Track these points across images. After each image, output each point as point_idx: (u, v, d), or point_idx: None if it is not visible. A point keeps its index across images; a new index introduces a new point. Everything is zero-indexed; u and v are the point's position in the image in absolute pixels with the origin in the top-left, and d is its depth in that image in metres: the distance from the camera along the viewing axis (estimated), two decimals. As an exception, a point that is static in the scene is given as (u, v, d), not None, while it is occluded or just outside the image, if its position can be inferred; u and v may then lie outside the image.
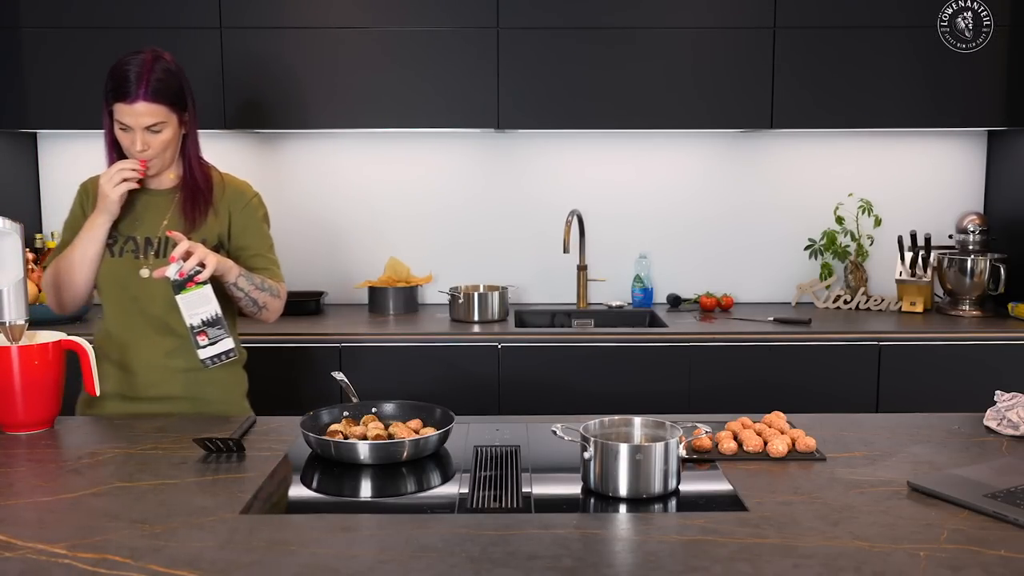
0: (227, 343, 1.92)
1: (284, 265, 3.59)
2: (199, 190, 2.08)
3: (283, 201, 3.61)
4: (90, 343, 1.91)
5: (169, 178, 2.11)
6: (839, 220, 3.58)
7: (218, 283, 1.99)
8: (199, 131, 2.11)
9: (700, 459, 1.70)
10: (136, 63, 1.94)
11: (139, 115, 1.95)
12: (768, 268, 3.65)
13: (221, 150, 3.59)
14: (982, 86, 3.22)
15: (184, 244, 1.91)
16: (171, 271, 1.88)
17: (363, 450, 1.65)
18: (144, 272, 2.04)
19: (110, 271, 2.06)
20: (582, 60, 3.20)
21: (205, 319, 1.90)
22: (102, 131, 2.04)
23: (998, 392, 1.96)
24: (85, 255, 2.01)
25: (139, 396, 2.08)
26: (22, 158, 3.51)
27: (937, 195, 3.63)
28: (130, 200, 2.05)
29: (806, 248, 3.61)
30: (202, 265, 1.90)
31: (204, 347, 1.91)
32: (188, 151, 2.09)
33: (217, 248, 2.08)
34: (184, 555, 1.29)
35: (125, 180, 1.97)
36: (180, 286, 1.88)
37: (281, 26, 3.18)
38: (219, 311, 1.92)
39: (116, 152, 2.05)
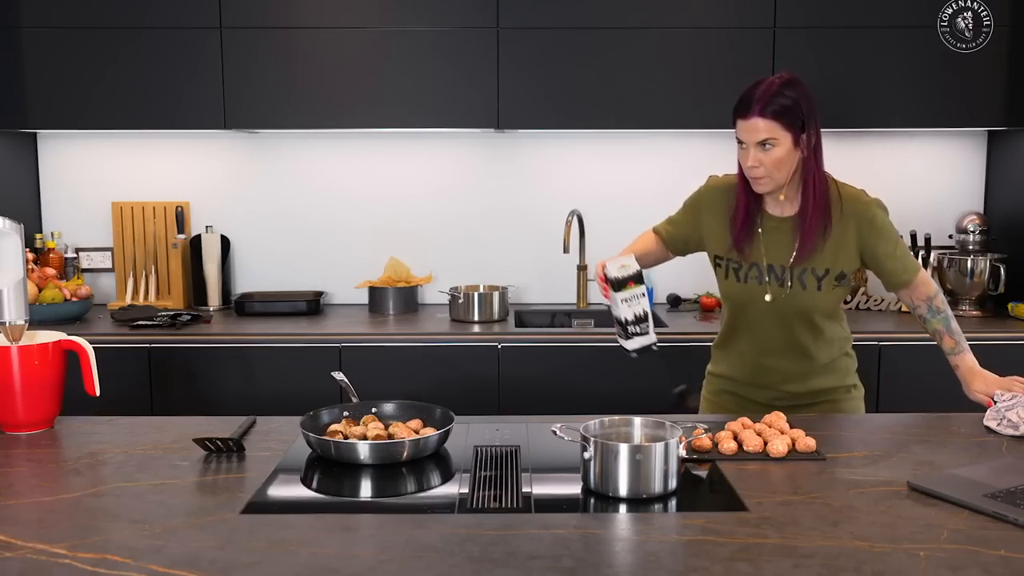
0: (647, 339, 2.02)
1: (283, 265, 3.62)
2: (816, 217, 2.05)
3: (283, 201, 3.61)
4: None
5: (790, 204, 2.10)
6: (839, 220, 3.57)
7: None
8: None
9: (700, 459, 1.70)
10: (764, 83, 2.00)
11: (752, 131, 1.99)
12: (768, 268, 3.65)
13: (221, 150, 3.59)
14: (982, 86, 3.22)
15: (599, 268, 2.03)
16: (611, 270, 2.00)
17: (363, 450, 1.65)
18: (768, 297, 2.10)
19: (737, 293, 2.15)
20: (582, 60, 3.20)
21: (637, 315, 2.00)
22: (102, 131, 2.04)
23: (998, 392, 1.96)
24: None
25: (761, 386, 2.18)
26: (22, 158, 3.51)
27: (937, 195, 3.63)
28: (756, 227, 2.12)
29: (806, 248, 3.61)
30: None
31: (628, 338, 2.02)
32: (807, 177, 2.04)
33: (842, 276, 2.08)
34: (184, 555, 1.29)
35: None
36: (621, 284, 1.98)
37: (281, 26, 3.18)
38: (648, 309, 2.01)
39: (742, 176, 2.09)
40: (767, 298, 2.09)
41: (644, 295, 2.01)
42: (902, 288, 2.13)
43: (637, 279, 2.00)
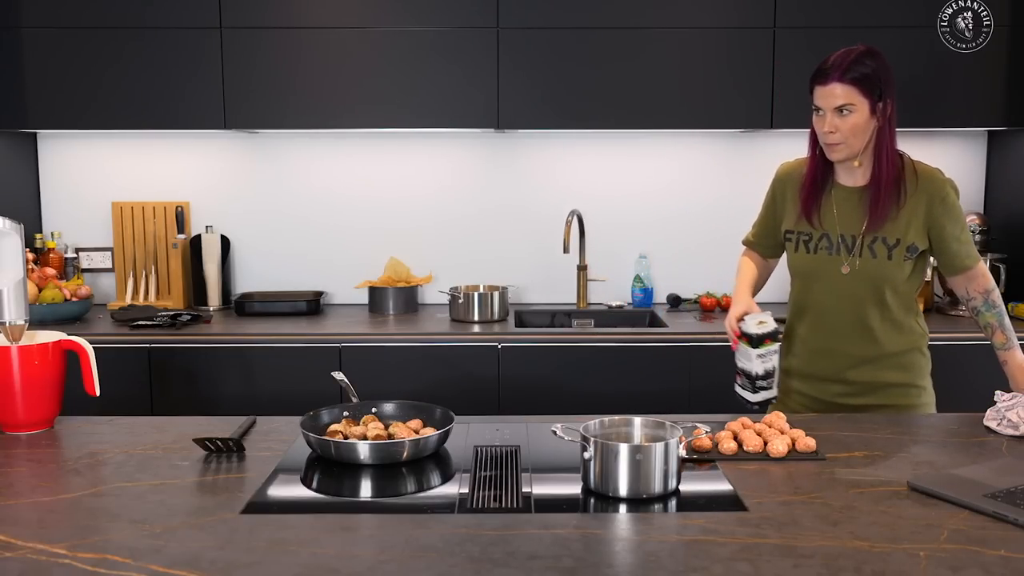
0: (771, 393, 2.08)
1: (283, 265, 3.62)
2: (886, 189, 2.06)
3: (283, 201, 3.61)
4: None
5: (862, 174, 2.11)
6: (839, 220, 3.57)
7: None
8: None
9: (700, 459, 1.70)
10: (844, 51, 2.03)
11: (829, 96, 2.02)
12: (768, 268, 3.65)
13: (221, 150, 3.59)
14: (982, 86, 3.22)
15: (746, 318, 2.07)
16: (750, 326, 2.04)
17: (363, 450, 1.65)
18: (845, 269, 2.09)
19: (805, 265, 2.16)
20: (582, 60, 3.20)
21: (767, 370, 2.05)
22: (102, 131, 2.04)
23: (998, 392, 1.96)
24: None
25: (827, 377, 2.16)
26: (22, 158, 3.51)
27: (937, 195, 3.63)
28: (827, 195, 2.14)
29: (806, 248, 3.60)
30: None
31: (754, 392, 2.08)
32: (881, 147, 2.07)
33: (913, 249, 2.06)
34: (184, 555, 1.29)
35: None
36: (759, 341, 2.03)
37: (281, 26, 3.18)
38: (777, 365, 2.06)
39: (814, 145, 2.12)
40: (843, 270, 2.08)
41: (777, 352, 2.05)
42: (961, 273, 2.12)
43: (774, 337, 2.04)
